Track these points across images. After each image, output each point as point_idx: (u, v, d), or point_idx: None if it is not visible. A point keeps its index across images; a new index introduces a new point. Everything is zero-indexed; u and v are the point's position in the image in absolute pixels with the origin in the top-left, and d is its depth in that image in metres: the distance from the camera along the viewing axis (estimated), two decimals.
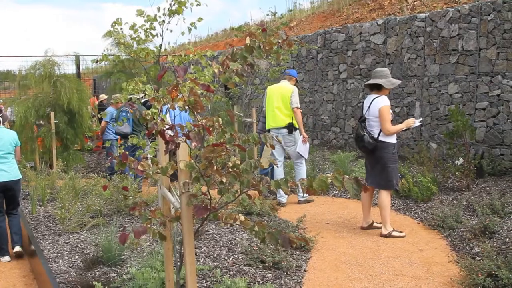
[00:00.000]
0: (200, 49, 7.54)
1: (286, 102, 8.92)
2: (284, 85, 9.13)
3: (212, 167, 3.10)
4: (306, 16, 20.66)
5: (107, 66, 15.85)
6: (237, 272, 5.47)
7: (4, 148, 6.99)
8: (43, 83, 12.62)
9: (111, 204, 8.39)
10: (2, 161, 6.96)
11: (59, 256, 6.31)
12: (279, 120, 9.01)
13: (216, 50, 20.05)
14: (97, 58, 8.19)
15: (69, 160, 12.47)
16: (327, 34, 14.67)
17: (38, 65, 12.74)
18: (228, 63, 3.32)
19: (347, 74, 13.90)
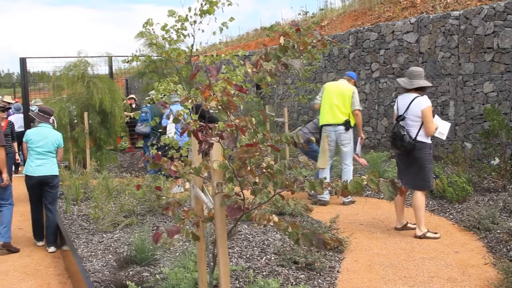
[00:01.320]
0: (231, 49, 7.52)
1: (345, 101, 8.89)
2: (344, 84, 9.08)
3: (245, 168, 3.08)
4: (337, 15, 20.53)
5: (139, 67, 15.96)
6: (270, 273, 5.45)
7: (46, 146, 7.57)
8: (76, 83, 12.76)
9: (144, 203, 8.44)
10: (42, 158, 7.53)
11: (93, 255, 6.36)
12: (337, 117, 8.95)
13: (247, 50, 20.07)
14: (128, 59, 8.23)
15: (102, 160, 12.61)
16: (359, 33, 14.55)
17: (71, 66, 12.90)
18: (261, 63, 3.29)
19: (379, 73, 13.77)
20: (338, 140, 8.99)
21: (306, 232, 3.16)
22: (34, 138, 7.58)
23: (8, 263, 6.98)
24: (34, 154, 7.54)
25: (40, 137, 7.59)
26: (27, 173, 7.53)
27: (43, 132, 7.65)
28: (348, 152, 9.06)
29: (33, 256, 7.25)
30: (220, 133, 2.90)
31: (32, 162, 7.52)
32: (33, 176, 7.49)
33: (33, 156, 7.54)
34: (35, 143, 7.56)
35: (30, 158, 7.57)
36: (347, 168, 9.10)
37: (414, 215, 7.09)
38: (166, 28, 7.11)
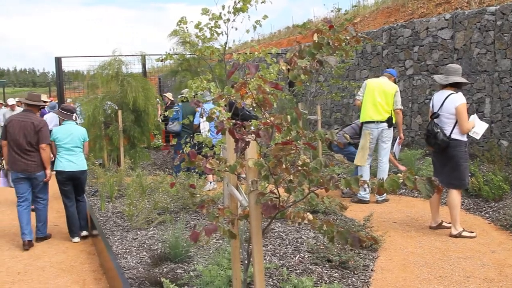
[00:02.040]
0: (263, 47, 7.50)
1: (388, 99, 8.83)
2: (387, 82, 9.00)
3: (280, 165, 3.07)
4: (370, 12, 20.37)
5: (172, 65, 16.05)
6: (303, 271, 5.43)
7: (73, 142, 7.98)
8: (110, 82, 12.90)
9: (177, 201, 8.49)
10: (70, 153, 7.96)
11: (128, 252, 6.41)
12: (380, 114, 8.88)
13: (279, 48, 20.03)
14: (162, 57, 8.28)
15: (136, 158, 12.72)
16: (392, 30, 14.42)
17: (106, 65, 13.04)
18: (296, 60, 3.27)
19: (413, 70, 13.62)
20: (379, 136, 8.92)
21: (342, 230, 3.14)
22: (60, 136, 7.96)
23: (44, 259, 7.09)
24: (63, 150, 7.93)
25: (66, 134, 7.97)
26: (59, 169, 7.88)
27: (68, 129, 8.05)
28: (387, 149, 8.99)
29: (69, 253, 7.34)
30: (256, 131, 2.89)
31: (62, 158, 7.90)
32: (64, 171, 7.88)
33: (62, 153, 7.93)
34: (62, 140, 7.94)
35: (59, 154, 7.94)
36: (383, 165, 9.02)
37: (449, 213, 7.00)
38: (200, 26, 7.13)
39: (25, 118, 7.82)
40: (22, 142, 7.67)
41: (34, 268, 6.75)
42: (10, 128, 7.75)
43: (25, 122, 7.76)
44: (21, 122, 7.75)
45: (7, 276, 6.49)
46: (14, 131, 7.70)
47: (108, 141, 12.83)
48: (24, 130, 7.69)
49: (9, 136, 7.73)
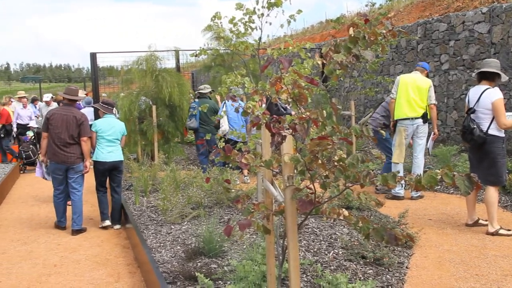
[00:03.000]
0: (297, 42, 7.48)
1: (422, 95, 8.71)
2: (420, 77, 8.85)
3: (316, 161, 3.04)
4: (404, 6, 20.14)
5: (205, 60, 16.09)
6: (337, 267, 5.40)
7: (115, 134, 8.47)
8: (145, 77, 12.99)
9: (211, 196, 8.51)
10: (111, 145, 8.42)
11: (162, 246, 6.45)
12: (415, 111, 8.75)
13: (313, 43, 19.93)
14: (196, 52, 8.33)
15: (169, 153, 12.81)
16: (427, 24, 14.23)
17: (141, 60, 13.14)
18: (331, 55, 3.24)
19: (449, 65, 13.43)
20: (414, 132, 8.81)
21: (377, 227, 3.10)
22: (103, 128, 8.39)
23: (80, 252, 7.18)
24: (105, 142, 8.36)
25: (108, 126, 8.43)
26: (99, 159, 8.32)
27: (110, 122, 8.52)
28: (422, 145, 8.87)
29: (104, 246, 7.43)
30: (293, 126, 2.87)
31: (103, 149, 8.33)
32: (105, 162, 8.32)
33: (104, 144, 8.36)
34: (105, 132, 8.38)
35: (100, 145, 8.35)
36: (418, 161, 8.90)
37: (486, 211, 6.89)
38: (234, 21, 7.14)
39: (67, 112, 8.16)
40: (64, 135, 8.02)
41: (70, 260, 6.85)
42: (53, 121, 8.06)
43: (67, 115, 8.10)
44: (63, 116, 8.09)
45: (43, 268, 6.59)
46: (57, 124, 8.04)
47: (142, 136, 12.94)
48: (67, 123, 8.05)
49: (52, 129, 8.05)
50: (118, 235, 7.97)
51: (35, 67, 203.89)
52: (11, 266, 6.72)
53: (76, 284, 6.00)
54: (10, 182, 12.54)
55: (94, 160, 8.40)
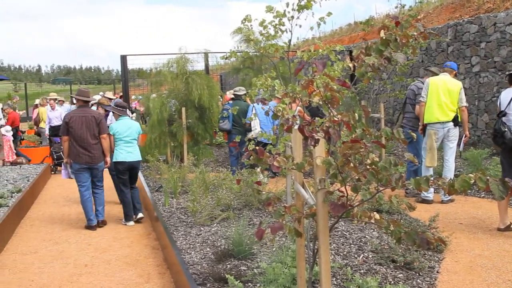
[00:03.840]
0: (325, 44, 7.47)
1: (454, 97, 8.58)
2: (450, 80, 8.72)
3: (348, 164, 3.03)
4: (433, 7, 19.94)
5: (234, 63, 16.15)
6: (367, 271, 5.37)
7: (132, 135, 8.80)
8: (176, 79, 13.07)
9: (240, 198, 8.52)
10: (129, 145, 8.76)
11: (191, 247, 6.48)
12: (446, 115, 8.63)
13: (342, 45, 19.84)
14: (226, 55, 8.38)
15: (199, 154, 12.85)
16: (458, 26, 14.08)
17: (171, 62, 13.23)
18: (363, 58, 3.23)
19: (480, 67, 13.27)
20: (445, 136, 8.70)
21: (409, 230, 3.08)
22: (120, 130, 8.74)
23: (110, 252, 7.25)
24: (123, 143, 8.73)
25: (125, 128, 8.77)
26: (120, 160, 8.69)
27: (126, 123, 8.87)
28: (453, 149, 8.76)
29: (133, 247, 7.49)
30: (326, 129, 2.86)
31: (122, 150, 8.71)
32: (125, 162, 8.70)
33: (122, 145, 8.72)
34: (122, 133, 8.73)
35: (119, 147, 8.73)
36: (449, 165, 8.79)
37: None
38: (264, 24, 7.16)
39: (85, 113, 8.54)
40: (86, 135, 8.39)
41: (100, 261, 6.92)
42: (73, 123, 8.39)
43: (86, 116, 8.48)
44: (82, 117, 8.44)
45: (74, 268, 6.67)
46: (78, 126, 8.39)
47: (172, 137, 13.02)
48: (87, 124, 8.42)
49: (73, 131, 8.36)
50: (147, 236, 8.03)
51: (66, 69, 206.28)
52: (43, 265, 6.82)
53: (107, 284, 6.06)
54: (42, 183, 12.72)
55: (114, 161, 8.79)
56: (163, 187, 9.75)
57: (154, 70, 14.56)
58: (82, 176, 8.55)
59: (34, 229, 8.65)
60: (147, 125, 14.50)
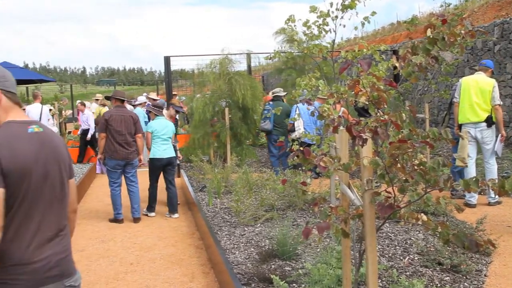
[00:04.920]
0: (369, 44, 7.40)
1: (486, 97, 8.43)
2: (483, 79, 8.57)
3: (396, 164, 3.00)
4: (478, 6, 19.60)
5: (276, 63, 16.13)
6: (413, 273, 5.31)
7: (168, 133, 9.44)
8: (219, 80, 13.14)
9: (284, 198, 8.51)
10: (165, 143, 9.38)
11: (235, 247, 6.50)
12: (478, 115, 8.50)
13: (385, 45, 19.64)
14: (270, 55, 8.39)
15: (242, 155, 12.88)
16: (505, 24, 13.79)
17: (215, 63, 13.30)
18: (409, 57, 3.20)
19: None
20: (480, 137, 8.54)
21: (457, 232, 3.03)
22: (158, 128, 9.37)
23: (155, 251, 7.33)
24: (160, 141, 9.33)
25: (161, 126, 9.42)
26: (157, 156, 9.31)
27: (163, 123, 9.53)
28: (490, 150, 8.57)
29: (178, 246, 7.55)
30: (374, 129, 2.84)
31: (159, 147, 9.31)
32: (162, 158, 9.30)
33: (159, 143, 9.33)
34: (160, 132, 9.35)
35: (156, 144, 9.32)
36: (490, 167, 8.63)
37: None
38: (308, 24, 7.14)
39: (124, 113, 9.06)
40: (125, 133, 8.85)
41: (146, 259, 7.00)
42: (112, 121, 8.86)
43: (125, 116, 8.99)
44: (121, 116, 8.93)
45: (120, 266, 6.77)
46: (117, 124, 8.85)
47: (215, 138, 13.10)
48: (125, 122, 8.91)
49: (112, 129, 8.83)
50: (191, 235, 8.09)
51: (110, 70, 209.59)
52: (89, 263, 6.94)
53: (152, 282, 6.13)
54: (87, 182, 12.93)
55: (151, 158, 9.38)
56: (207, 187, 9.82)
57: (196, 71, 14.67)
58: (115, 174, 9.07)
59: (81, 228, 8.80)
60: (190, 126, 14.61)
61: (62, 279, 2.80)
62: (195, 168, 12.39)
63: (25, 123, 2.77)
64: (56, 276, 2.77)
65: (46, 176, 2.74)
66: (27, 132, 2.73)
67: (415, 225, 6.73)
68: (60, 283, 2.79)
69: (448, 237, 3.07)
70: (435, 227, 3.15)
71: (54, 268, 2.75)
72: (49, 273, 2.73)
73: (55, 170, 2.81)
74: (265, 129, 12.36)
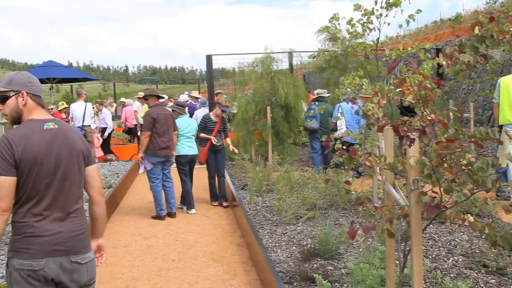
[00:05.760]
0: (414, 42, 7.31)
1: None
2: None
3: (443, 164, 2.96)
4: None
5: (317, 62, 16.06)
6: (457, 275, 5.22)
7: (191, 131, 9.82)
8: (261, 79, 13.14)
9: (325, 197, 8.47)
10: (189, 140, 9.76)
11: (277, 246, 6.50)
12: None
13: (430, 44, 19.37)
14: (314, 54, 8.37)
15: (283, 154, 12.85)
16: None
17: (257, 62, 13.31)
18: (457, 55, 3.14)
19: None
20: None
21: (505, 234, 2.97)
22: (182, 127, 9.64)
23: (196, 248, 7.38)
24: (184, 139, 9.66)
25: (185, 125, 9.75)
26: (182, 153, 9.64)
27: (186, 121, 9.88)
28: None
29: (219, 244, 7.59)
30: (422, 128, 2.80)
31: (184, 145, 9.65)
32: (187, 155, 9.70)
33: (184, 140, 9.65)
34: (184, 130, 9.67)
35: (181, 142, 9.62)
36: None
37: None
38: (352, 22, 7.09)
39: (166, 111, 9.34)
40: (168, 131, 9.08)
41: (187, 256, 7.06)
42: (159, 120, 9.04)
43: (167, 114, 9.24)
44: (165, 115, 9.15)
45: (162, 262, 6.84)
46: (162, 123, 9.03)
47: (257, 136, 13.11)
48: (168, 121, 9.12)
49: (159, 127, 8.99)
50: (233, 233, 8.12)
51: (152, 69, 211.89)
52: (132, 259, 7.03)
53: (194, 279, 6.18)
54: (130, 179, 13.09)
55: (177, 155, 9.59)
56: (248, 185, 9.85)
57: (237, 70, 14.71)
58: (158, 170, 9.25)
59: (124, 224, 8.93)
60: (232, 124, 14.65)
61: (68, 255, 3.21)
62: (236, 166, 12.44)
63: (43, 121, 3.27)
64: (63, 250, 3.19)
65: (57, 165, 3.21)
66: (43, 129, 3.22)
67: (460, 227, 6.63)
68: (66, 258, 3.20)
69: (496, 239, 3.01)
70: (482, 229, 3.10)
71: (62, 243, 3.19)
72: (57, 247, 3.16)
73: (67, 160, 3.26)
74: (311, 128, 12.32)
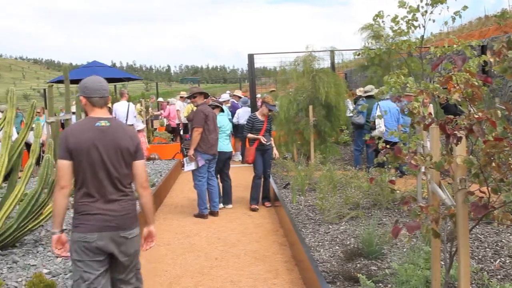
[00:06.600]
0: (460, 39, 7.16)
1: None
2: None
3: (491, 164, 2.90)
4: None
5: (359, 60, 15.89)
6: (505, 277, 5.11)
7: (227, 129, 10.08)
8: (303, 77, 13.09)
9: (369, 197, 8.39)
10: (227, 138, 10.05)
11: (320, 245, 6.47)
12: None
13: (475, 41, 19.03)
14: (359, 51, 8.32)
15: (326, 152, 12.78)
16: None
17: (298, 61, 13.27)
18: (505, 52, 3.07)
19: None
20: None
21: None
22: (223, 124, 9.92)
23: (239, 247, 7.41)
24: (224, 136, 9.89)
25: (224, 123, 10.05)
26: (222, 150, 9.74)
27: (224, 119, 10.16)
28: None
29: (262, 242, 7.60)
30: (469, 127, 2.75)
31: (224, 142, 9.86)
32: (226, 152, 9.96)
33: (223, 137, 9.85)
34: (225, 127, 9.99)
35: (221, 138, 9.71)
36: None
37: None
38: (397, 20, 7.01)
39: (211, 110, 9.44)
40: (215, 129, 9.24)
41: (230, 255, 7.08)
42: (209, 117, 9.15)
43: (213, 113, 9.40)
44: (211, 113, 9.27)
45: (205, 260, 6.89)
46: (211, 120, 9.17)
47: (298, 135, 13.07)
48: (215, 119, 9.30)
49: (209, 125, 9.09)
50: (275, 232, 8.12)
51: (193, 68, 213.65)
52: (175, 257, 7.09)
53: (237, 278, 6.20)
54: (173, 178, 13.20)
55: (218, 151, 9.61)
56: (290, 184, 9.83)
57: (279, 69, 14.68)
58: (204, 168, 9.28)
59: (167, 222, 9.01)
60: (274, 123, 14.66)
61: (118, 230, 3.84)
62: (278, 165, 12.44)
63: (96, 119, 3.86)
64: (113, 227, 3.82)
65: (102, 157, 3.79)
66: (94, 126, 3.82)
67: (507, 227, 6.49)
68: (116, 233, 3.83)
69: None
70: None
71: (112, 220, 3.82)
72: (108, 223, 3.81)
73: (111, 154, 3.83)
74: (357, 123, 12.28)
